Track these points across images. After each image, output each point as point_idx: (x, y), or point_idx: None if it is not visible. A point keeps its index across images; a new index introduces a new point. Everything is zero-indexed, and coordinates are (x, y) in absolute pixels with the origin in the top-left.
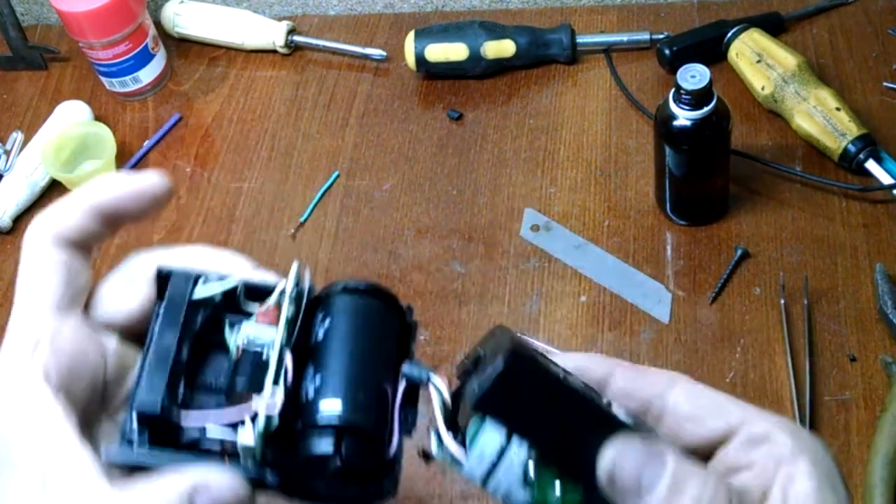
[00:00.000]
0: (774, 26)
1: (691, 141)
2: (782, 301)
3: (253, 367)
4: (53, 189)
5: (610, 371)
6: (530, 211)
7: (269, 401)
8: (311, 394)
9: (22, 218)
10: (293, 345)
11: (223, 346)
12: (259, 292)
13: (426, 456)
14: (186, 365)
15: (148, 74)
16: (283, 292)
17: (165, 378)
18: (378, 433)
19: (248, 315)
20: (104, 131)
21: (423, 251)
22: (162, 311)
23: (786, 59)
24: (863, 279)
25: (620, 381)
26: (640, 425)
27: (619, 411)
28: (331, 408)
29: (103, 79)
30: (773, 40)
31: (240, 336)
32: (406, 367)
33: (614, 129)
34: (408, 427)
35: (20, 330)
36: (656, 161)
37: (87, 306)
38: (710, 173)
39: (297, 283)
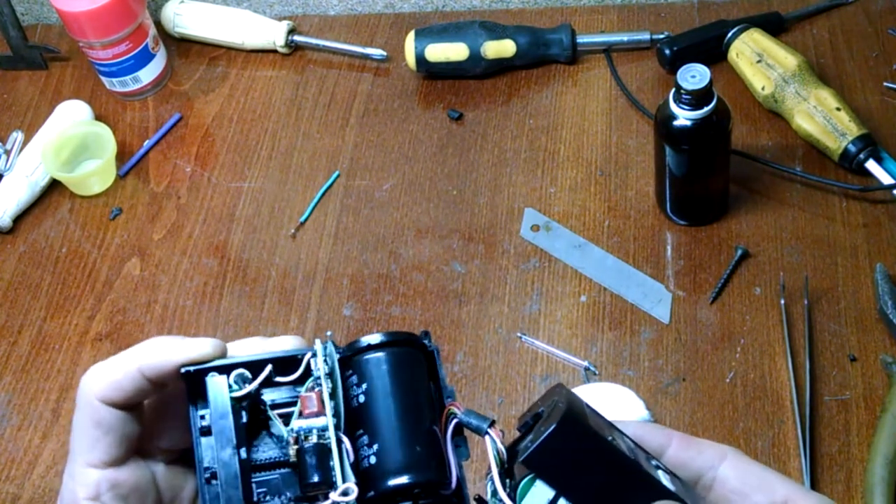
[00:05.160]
0: (774, 26)
1: (691, 141)
2: (782, 301)
3: (316, 456)
4: (53, 189)
5: (666, 441)
6: (530, 211)
7: (345, 497)
8: (372, 460)
9: (22, 217)
10: (340, 415)
11: (269, 428)
12: (286, 362)
13: (481, 502)
14: (248, 463)
15: (148, 74)
16: (317, 377)
17: (240, 495)
18: (441, 478)
19: (280, 385)
20: (104, 131)
21: (423, 251)
22: (212, 424)
23: (786, 59)
24: (863, 279)
25: (674, 451)
26: (685, 493)
27: (665, 477)
28: (397, 473)
29: (103, 78)
30: (773, 40)
31: (291, 428)
32: (464, 417)
33: (614, 129)
34: (462, 454)
35: (83, 482)
36: (656, 161)
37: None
38: (710, 173)
39: (326, 359)
